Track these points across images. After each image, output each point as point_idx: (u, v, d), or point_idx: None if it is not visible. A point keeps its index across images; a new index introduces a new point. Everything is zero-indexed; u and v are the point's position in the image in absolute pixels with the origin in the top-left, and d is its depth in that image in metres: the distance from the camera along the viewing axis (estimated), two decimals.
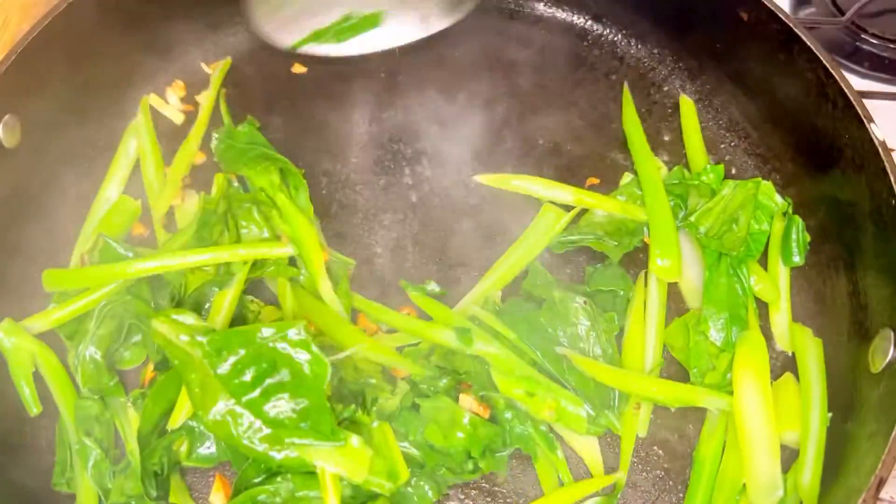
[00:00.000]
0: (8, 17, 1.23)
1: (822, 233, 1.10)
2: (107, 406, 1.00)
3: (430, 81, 1.26)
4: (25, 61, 1.05)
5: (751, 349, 1.00)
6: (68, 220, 1.15)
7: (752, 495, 0.93)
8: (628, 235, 1.08)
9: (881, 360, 0.92)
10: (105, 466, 0.96)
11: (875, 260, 0.99)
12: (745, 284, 1.06)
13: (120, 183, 1.17)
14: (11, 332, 1.02)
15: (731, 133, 1.23)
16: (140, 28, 1.22)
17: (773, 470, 0.93)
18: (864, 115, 0.99)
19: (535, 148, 1.21)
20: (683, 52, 1.26)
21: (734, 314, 1.04)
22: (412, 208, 1.16)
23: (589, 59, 1.30)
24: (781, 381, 1.01)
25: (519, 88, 1.26)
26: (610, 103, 1.25)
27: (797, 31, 1.07)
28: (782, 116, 1.15)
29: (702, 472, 0.95)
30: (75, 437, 0.97)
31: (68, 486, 0.97)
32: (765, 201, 1.11)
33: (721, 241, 1.06)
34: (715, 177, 1.13)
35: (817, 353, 1.02)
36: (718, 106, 1.24)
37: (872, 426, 0.89)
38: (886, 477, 0.82)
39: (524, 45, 1.30)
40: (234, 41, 1.31)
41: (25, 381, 1.01)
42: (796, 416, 0.98)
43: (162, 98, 1.25)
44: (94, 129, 1.20)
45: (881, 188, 0.96)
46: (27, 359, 1.02)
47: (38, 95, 1.10)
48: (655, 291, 1.07)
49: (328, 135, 1.23)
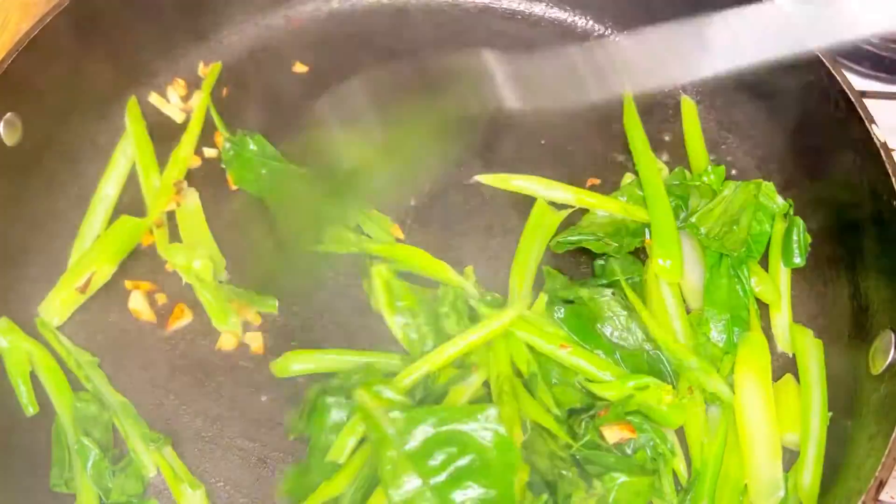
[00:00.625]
0: (8, 16, 1.23)
1: (823, 234, 1.10)
2: (105, 406, 0.99)
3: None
4: (26, 60, 1.05)
5: (752, 350, 1.00)
6: (69, 219, 1.14)
7: (754, 496, 0.93)
8: (629, 236, 1.08)
9: (882, 361, 0.92)
10: (104, 466, 0.95)
11: (876, 261, 0.99)
12: (747, 286, 1.06)
13: (117, 182, 1.16)
14: (8, 332, 1.02)
15: (733, 134, 1.22)
16: (140, 27, 1.22)
17: (774, 471, 0.92)
18: (866, 116, 0.99)
19: (536, 148, 1.21)
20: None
21: (735, 315, 1.03)
22: (412, 208, 1.16)
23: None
24: (782, 383, 1.01)
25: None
26: (611, 104, 1.25)
27: None
28: (783, 117, 1.15)
29: (704, 473, 0.95)
30: (73, 438, 0.97)
31: (66, 487, 0.97)
32: (766, 202, 1.10)
33: (722, 242, 1.06)
34: (716, 178, 1.13)
35: (818, 355, 1.01)
36: (720, 107, 1.24)
37: (873, 428, 0.89)
38: (886, 479, 0.82)
39: (524, 45, 1.30)
40: (235, 40, 1.31)
41: (22, 380, 1.00)
42: (796, 417, 0.97)
43: (163, 97, 1.25)
44: (94, 128, 1.20)
45: (882, 190, 0.96)
46: (24, 358, 1.01)
47: (38, 94, 1.10)
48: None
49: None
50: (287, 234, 1.11)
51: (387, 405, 0.89)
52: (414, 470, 0.84)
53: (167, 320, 1.07)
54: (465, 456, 0.84)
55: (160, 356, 1.06)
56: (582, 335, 1.00)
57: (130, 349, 1.06)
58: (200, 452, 1.00)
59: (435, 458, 0.84)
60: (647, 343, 1.00)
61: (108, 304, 1.09)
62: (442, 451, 0.85)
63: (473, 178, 1.17)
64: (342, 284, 1.09)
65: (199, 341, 1.07)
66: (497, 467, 0.84)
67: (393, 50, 1.29)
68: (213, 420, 1.02)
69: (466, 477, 0.84)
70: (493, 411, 0.85)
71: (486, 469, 0.84)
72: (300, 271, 1.11)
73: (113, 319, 1.08)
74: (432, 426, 0.85)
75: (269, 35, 1.32)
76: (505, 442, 0.85)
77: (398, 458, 0.85)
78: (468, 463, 0.84)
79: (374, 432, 0.88)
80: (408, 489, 0.84)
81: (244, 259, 1.11)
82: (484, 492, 0.83)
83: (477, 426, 0.85)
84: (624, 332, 1.00)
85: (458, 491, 0.83)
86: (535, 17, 1.34)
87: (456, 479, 0.84)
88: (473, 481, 0.84)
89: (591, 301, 1.01)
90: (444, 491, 0.83)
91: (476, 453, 0.84)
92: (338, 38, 1.32)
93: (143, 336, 1.07)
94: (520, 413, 0.92)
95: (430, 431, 0.85)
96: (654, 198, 1.09)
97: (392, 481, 0.85)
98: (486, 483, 0.84)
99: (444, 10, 1.34)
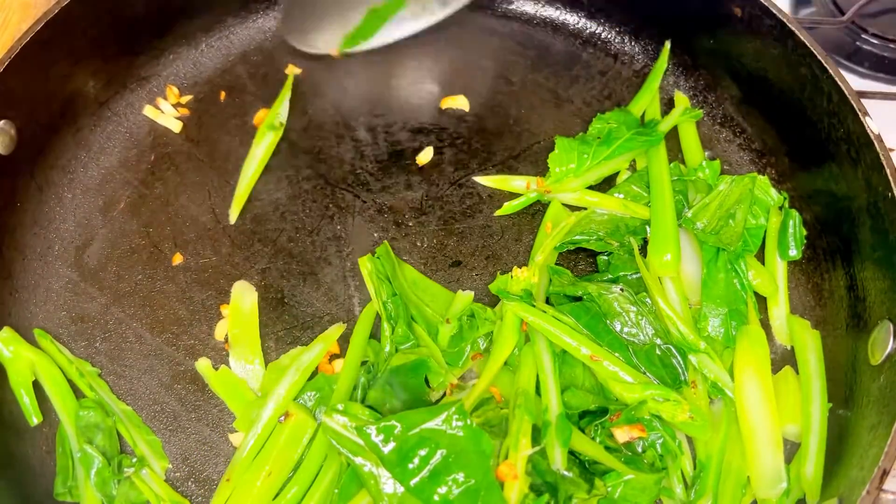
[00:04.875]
0: (8, 16, 1.22)
1: (818, 226, 1.11)
2: (108, 413, 0.99)
3: (425, 81, 1.26)
4: (18, 67, 1.05)
5: (751, 343, 1.01)
6: (64, 226, 1.14)
7: (757, 488, 0.93)
8: (629, 234, 1.08)
9: (881, 352, 0.93)
10: (108, 474, 0.95)
11: (872, 252, 1.00)
12: (744, 279, 1.06)
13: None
14: (10, 342, 1.01)
15: (727, 129, 1.23)
16: (132, 33, 1.22)
17: (776, 462, 0.93)
18: (860, 108, 1.00)
19: (533, 147, 1.21)
20: (677, 48, 1.26)
21: (733, 309, 1.04)
22: (412, 209, 1.16)
23: (583, 56, 1.30)
24: (781, 375, 1.02)
25: (514, 87, 1.26)
26: (605, 101, 1.26)
27: (791, 26, 1.07)
28: (777, 111, 1.15)
29: (708, 466, 0.96)
30: (77, 446, 0.96)
31: (70, 495, 0.96)
32: (761, 196, 1.11)
33: (718, 237, 1.06)
34: (711, 172, 1.14)
35: (816, 346, 1.02)
36: (713, 102, 1.25)
37: (874, 418, 0.90)
38: (890, 468, 0.82)
39: (518, 43, 1.31)
40: (227, 43, 1.30)
41: (25, 390, 1.00)
42: (797, 409, 0.98)
43: (156, 107, 1.24)
44: (87, 134, 1.20)
45: (877, 181, 0.97)
46: (27, 368, 1.01)
47: (31, 101, 1.10)
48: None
49: (326, 135, 1.22)
50: None
51: (356, 422, 0.90)
52: (394, 477, 0.86)
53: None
54: (438, 451, 0.86)
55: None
56: (595, 332, 1.00)
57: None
58: (204, 457, 1.00)
59: (412, 462, 0.86)
60: (658, 338, 1.00)
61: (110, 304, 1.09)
62: (416, 453, 0.86)
63: (473, 178, 1.18)
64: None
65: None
66: (471, 457, 0.86)
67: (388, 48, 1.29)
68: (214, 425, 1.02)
69: (444, 471, 0.85)
70: (456, 406, 0.86)
71: (461, 460, 0.86)
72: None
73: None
74: (402, 432, 0.86)
75: (261, 38, 1.31)
76: (474, 432, 0.86)
77: (378, 470, 0.87)
78: (443, 458, 0.86)
79: (351, 452, 0.89)
80: (393, 495, 0.86)
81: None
82: (464, 482, 0.85)
83: (442, 422, 0.86)
84: (634, 329, 1.00)
85: (441, 486, 0.85)
86: (528, 16, 1.34)
87: (435, 476, 0.85)
88: (452, 474, 0.85)
89: (599, 297, 1.01)
90: (426, 489, 0.85)
91: (448, 447, 0.86)
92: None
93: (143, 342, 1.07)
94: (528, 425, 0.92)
95: (403, 437, 0.86)
96: (659, 191, 1.09)
97: (378, 494, 0.87)
98: (464, 473, 0.85)
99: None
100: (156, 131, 1.23)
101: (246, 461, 0.94)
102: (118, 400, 1.02)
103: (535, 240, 1.12)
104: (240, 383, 1.02)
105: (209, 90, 1.27)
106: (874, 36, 1.35)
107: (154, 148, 1.21)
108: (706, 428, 0.95)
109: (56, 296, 1.09)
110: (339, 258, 1.12)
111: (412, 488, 0.85)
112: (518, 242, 1.14)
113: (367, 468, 0.88)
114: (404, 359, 0.98)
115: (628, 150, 1.14)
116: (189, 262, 1.12)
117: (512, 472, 0.86)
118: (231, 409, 1.02)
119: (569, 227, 1.08)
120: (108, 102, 1.23)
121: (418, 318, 1.03)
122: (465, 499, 0.84)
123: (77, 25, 1.12)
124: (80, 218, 1.15)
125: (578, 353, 0.97)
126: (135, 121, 1.23)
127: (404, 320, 1.01)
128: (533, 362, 0.98)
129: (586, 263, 1.12)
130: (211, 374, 1.03)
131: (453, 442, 0.86)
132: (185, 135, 1.22)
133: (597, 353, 0.97)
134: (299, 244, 1.13)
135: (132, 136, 1.22)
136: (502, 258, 1.12)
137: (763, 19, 1.11)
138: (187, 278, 1.11)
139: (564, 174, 1.13)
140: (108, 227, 1.14)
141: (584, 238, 1.08)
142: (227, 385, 1.02)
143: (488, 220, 1.15)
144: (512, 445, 0.89)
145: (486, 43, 1.30)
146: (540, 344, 0.98)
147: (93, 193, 1.17)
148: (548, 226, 1.11)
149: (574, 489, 0.89)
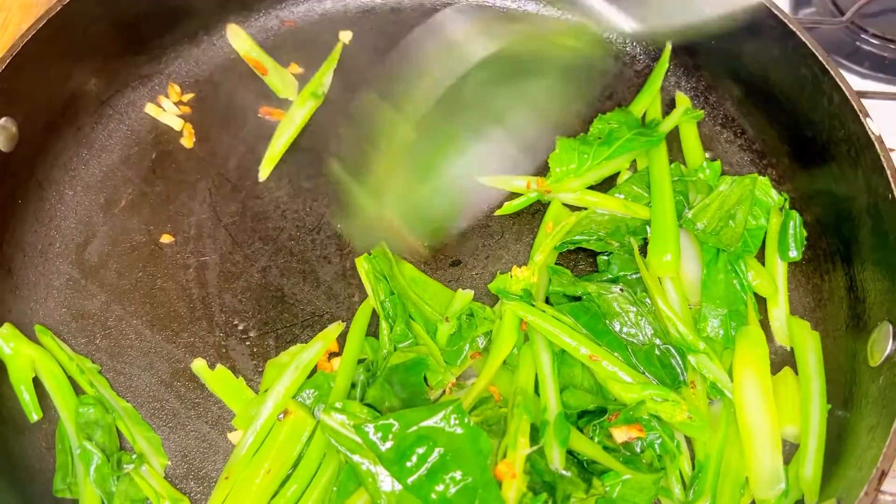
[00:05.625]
0: (8, 16, 1.22)
1: (818, 227, 1.11)
2: (107, 410, 0.99)
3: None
4: (20, 65, 1.05)
5: (750, 344, 1.01)
6: (65, 223, 1.14)
7: (755, 488, 0.93)
8: (629, 234, 1.08)
9: (880, 353, 0.93)
10: (107, 470, 0.95)
11: (872, 254, 1.00)
12: (744, 280, 1.06)
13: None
14: (11, 338, 1.02)
15: (728, 129, 1.23)
16: (134, 31, 1.22)
17: (774, 463, 0.93)
18: (860, 109, 1.00)
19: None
20: (678, 49, 1.26)
21: (733, 310, 1.04)
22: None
23: (584, 57, 1.30)
24: (780, 376, 1.02)
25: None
26: (605, 101, 1.26)
27: (792, 27, 1.07)
28: (778, 112, 1.16)
29: (706, 467, 0.96)
30: (76, 442, 0.97)
31: (70, 492, 0.97)
32: (761, 197, 1.11)
33: (718, 237, 1.06)
34: (711, 173, 1.14)
35: (816, 347, 1.02)
36: (714, 102, 1.25)
37: (873, 419, 0.90)
38: (888, 469, 0.83)
39: (520, 44, 1.30)
40: (229, 42, 1.30)
41: (25, 386, 1.00)
42: (796, 410, 0.98)
43: (157, 105, 1.25)
44: (89, 132, 1.20)
45: (878, 182, 0.97)
46: (27, 364, 1.01)
47: (33, 99, 1.10)
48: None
49: (324, 136, 1.22)
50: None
51: (354, 420, 0.90)
52: (392, 475, 0.86)
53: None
54: (436, 450, 0.86)
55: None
56: (594, 332, 1.00)
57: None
58: (203, 454, 1.00)
59: (410, 460, 0.86)
60: (657, 338, 1.00)
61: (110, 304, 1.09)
62: (414, 451, 0.86)
63: (474, 178, 1.17)
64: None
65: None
66: (469, 455, 0.86)
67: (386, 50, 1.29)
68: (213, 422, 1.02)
69: (442, 470, 0.85)
70: (454, 405, 0.87)
71: (459, 459, 0.86)
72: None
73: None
74: (400, 430, 0.86)
75: (262, 37, 1.32)
76: (473, 431, 0.86)
77: (376, 468, 0.87)
78: (441, 456, 0.86)
79: (349, 450, 0.89)
80: (390, 493, 0.86)
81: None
82: (462, 480, 0.85)
83: (441, 420, 0.86)
84: (633, 329, 1.01)
85: (438, 484, 0.85)
86: (529, 15, 1.34)
87: (433, 474, 0.85)
88: (450, 472, 0.85)
89: (598, 297, 1.01)
90: (423, 487, 0.85)
91: (446, 446, 0.86)
92: (331, 39, 1.31)
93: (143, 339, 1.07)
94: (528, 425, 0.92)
95: (401, 435, 0.86)
96: (660, 191, 1.09)
97: (375, 492, 0.87)
98: (462, 472, 0.85)
99: (437, 10, 1.34)
100: (157, 129, 1.23)
101: (245, 459, 0.94)
102: (118, 397, 1.02)
103: (535, 239, 1.12)
104: (237, 383, 1.03)
105: (211, 88, 1.27)
106: (874, 36, 1.35)
107: (155, 146, 1.21)
108: (705, 428, 0.95)
109: (56, 293, 1.09)
110: (340, 257, 1.12)
111: (410, 486, 0.85)
112: (518, 242, 1.14)
113: (365, 466, 0.88)
114: (403, 357, 0.98)
115: (629, 151, 1.14)
116: (190, 259, 1.12)
117: (510, 471, 0.87)
118: (230, 407, 1.02)
119: (569, 226, 1.08)
120: (109, 100, 1.23)
121: (417, 316, 1.03)
122: (462, 497, 0.85)
123: (78, 24, 1.12)
124: (81, 215, 1.15)
125: (577, 353, 0.97)
126: (136, 119, 1.23)
127: (402, 319, 1.01)
128: (532, 362, 0.98)
129: (586, 263, 1.12)
130: (207, 374, 1.03)
131: (451, 440, 0.86)
132: (186, 133, 1.22)
133: (596, 353, 0.97)
134: (300, 242, 1.13)
135: (133, 134, 1.22)
136: (502, 258, 1.12)
137: (764, 20, 1.11)
138: (188, 276, 1.11)
139: (565, 174, 1.13)
140: (109, 225, 1.15)
141: (584, 238, 1.08)
142: (225, 384, 1.02)
143: (488, 220, 1.15)
144: (510, 444, 0.89)
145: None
146: (539, 343, 0.98)
147: (94, 191, 1.17)
148: (548, 226, 1.11)
149: (572, 488, 0.89)
